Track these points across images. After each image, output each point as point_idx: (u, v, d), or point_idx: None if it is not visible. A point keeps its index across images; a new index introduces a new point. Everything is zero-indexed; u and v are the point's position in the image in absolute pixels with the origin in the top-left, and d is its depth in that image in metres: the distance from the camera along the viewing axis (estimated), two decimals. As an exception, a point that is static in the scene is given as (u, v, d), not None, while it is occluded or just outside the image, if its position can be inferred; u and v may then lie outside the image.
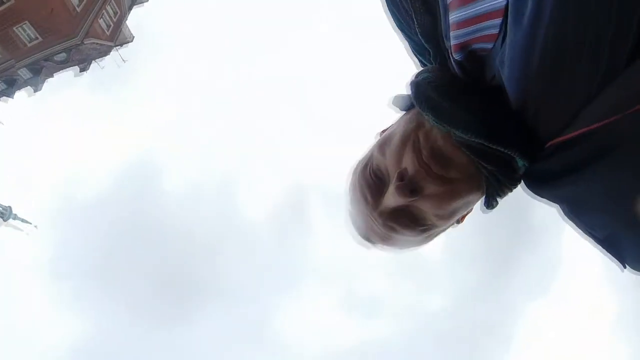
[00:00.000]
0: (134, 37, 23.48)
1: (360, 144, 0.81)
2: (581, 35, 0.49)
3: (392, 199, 0.70)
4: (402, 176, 0.69)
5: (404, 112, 0.76)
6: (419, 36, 0.72)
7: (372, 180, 0.73)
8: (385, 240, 0.76)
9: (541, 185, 0.64)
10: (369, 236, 0.77)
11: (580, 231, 0.61)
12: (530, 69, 0.55)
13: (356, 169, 0.78)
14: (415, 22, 0.71)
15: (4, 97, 22.95)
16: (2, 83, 22.18)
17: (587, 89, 0.51)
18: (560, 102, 0.55)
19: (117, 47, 22.29)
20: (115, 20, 21.37)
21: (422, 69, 0.76)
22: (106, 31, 20.95)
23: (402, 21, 0.74)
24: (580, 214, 0.60)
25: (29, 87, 22.77)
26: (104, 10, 20.01)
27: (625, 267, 0.59)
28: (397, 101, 0.77)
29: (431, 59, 0.74)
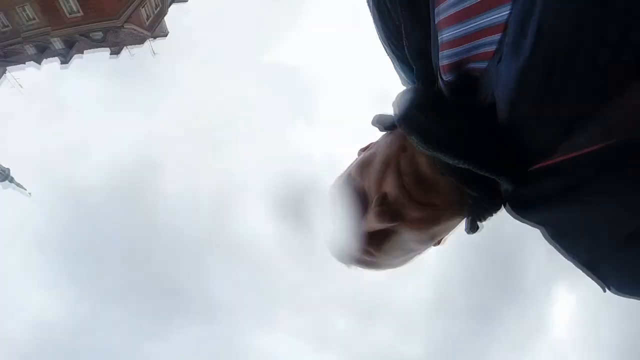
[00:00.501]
0: (169, 32, 23.99)
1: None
2: (575, 67, 0.48)
3: (371, 223, 0.69)
4: (382, 201, 0.68)
5: (387, 132, 0.75)
6: (407, 50, 0.70)
7: (350, 202, 0.71)
8: (361, 263, 0.75)
9: (524, 209, 0.62)
10: (344, 257, 0.76)
11: (563, 254, 0.60)
12: (524, 93, 0.53)
13: (335, 188, 0.76)
14: (405, 35, 0.69)
15: (32, 62, 23.25)
16: (33, 47, 22.53)
17: (578, 116, 0.50)
18: (550, 127, 0.53)
19: (152, 39, 22.72)
20: (156, 12, 21.88)
21: (406, 88, 0.73)
22: (146, 21, 21.41)
23: (391, 34, 0.72)
24: (563, 238, 0.59)
25: (57, 57, 23.11)
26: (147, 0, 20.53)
27: (606, 290, 0.58)
28: (380, 120, 0.75)
29: (414, 77, 0.72)
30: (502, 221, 0.70)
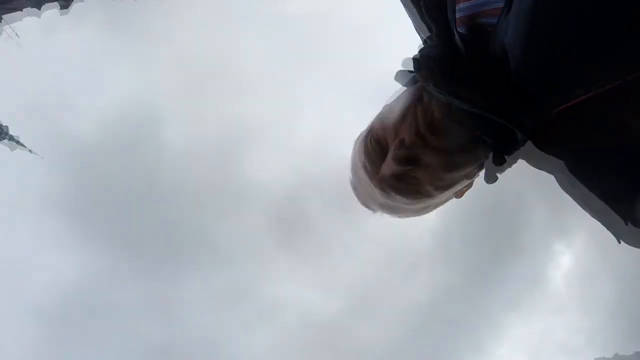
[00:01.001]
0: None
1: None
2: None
3: (389, 167, 0.73)
4: (399, 145, 0.72)
5: (407, 87, 0.79)
6: (423, 9, 0.73)
7: (371, 149, 0.76)
8: (383, 207, 0.79)
9: (544, 145, 0.64)
10: (369, 203, 0.81)
11: (578, 200, 0.65)
12: (535, 31, 0.56)
13: (358, 138, 0.81)
14: None
15: (33, 9, 22.00)
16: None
17: (594, 52, 0.52)
18: (566, 64, 0.55)
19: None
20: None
21: (428, 36, 0.77)
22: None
23: None
24: (582, 172, 0.63)
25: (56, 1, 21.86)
26: None
27: (620, 242, 0.61)
28: (401, 76, 0.80)
29: (433, 36, 0.75)
30: (503, 178, 0.73)
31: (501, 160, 0.70)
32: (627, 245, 0.60)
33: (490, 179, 0.73)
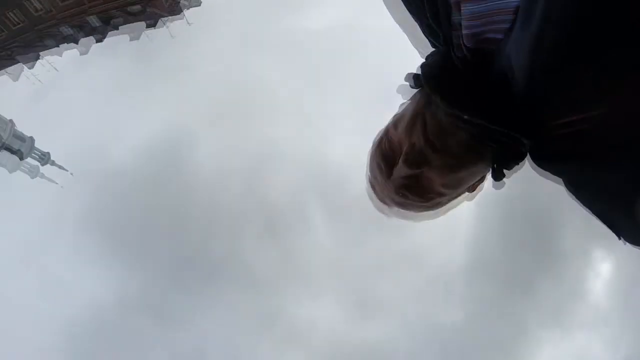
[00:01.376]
0: (201, 1, 23.28)
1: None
2: (583, 34, 0.53)
3: (402, 169, 0.79)
4: (410, 149, 0.78)
5: (418, 90, 0.83)
6: (430, 20, 0.78)
7: (386, 152, 0.82)
8: (399, 205, 0.85)
9: (542, 160, 0.70)
10: (385, 202, 0.86)
11: (580, 203, 0.69)
12: (538, 56, 0.59)
13: (374, 141, 0.86)
14: (427, 7, 0.77)
15: (70, 44, 22.96)
16: (70, 28, 22.18)
17: (593, 79, 0.55)
18: (565, 88, 0.59)
19: (187, 8, 22.15)
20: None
21: (433, 50, 0.83)
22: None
23: (414, 5, 0.81)
24: (579, 189, 0.68)
25: (93, 36, 22.75)
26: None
27: (620, 239, 0.64)
28: (410, 79, 0.84)
29: (441, 41, 0.80)
30: (534, 183, 0.80)
31: (501, 176, 0.77)
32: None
33: (497, 177, 0.77)
